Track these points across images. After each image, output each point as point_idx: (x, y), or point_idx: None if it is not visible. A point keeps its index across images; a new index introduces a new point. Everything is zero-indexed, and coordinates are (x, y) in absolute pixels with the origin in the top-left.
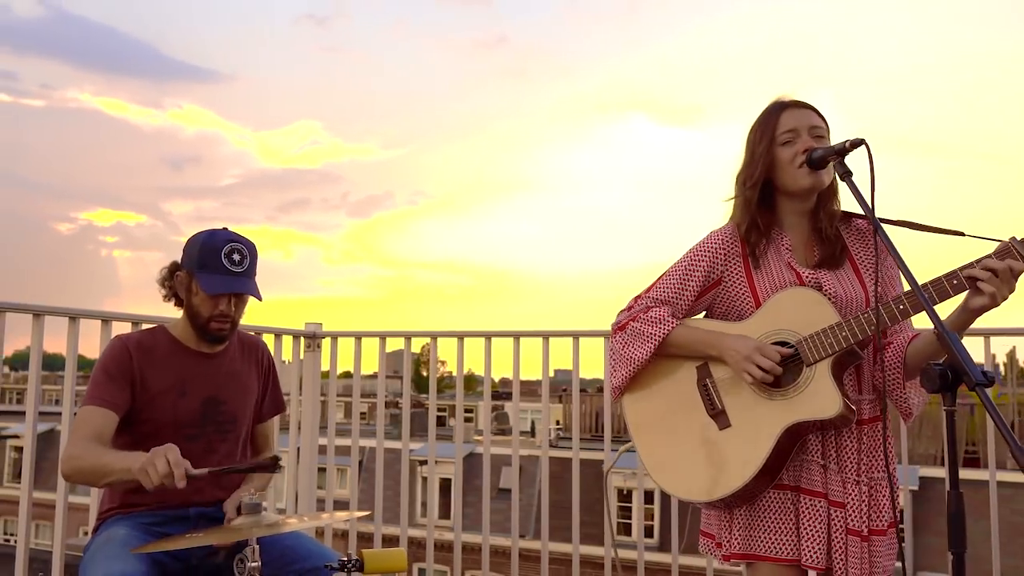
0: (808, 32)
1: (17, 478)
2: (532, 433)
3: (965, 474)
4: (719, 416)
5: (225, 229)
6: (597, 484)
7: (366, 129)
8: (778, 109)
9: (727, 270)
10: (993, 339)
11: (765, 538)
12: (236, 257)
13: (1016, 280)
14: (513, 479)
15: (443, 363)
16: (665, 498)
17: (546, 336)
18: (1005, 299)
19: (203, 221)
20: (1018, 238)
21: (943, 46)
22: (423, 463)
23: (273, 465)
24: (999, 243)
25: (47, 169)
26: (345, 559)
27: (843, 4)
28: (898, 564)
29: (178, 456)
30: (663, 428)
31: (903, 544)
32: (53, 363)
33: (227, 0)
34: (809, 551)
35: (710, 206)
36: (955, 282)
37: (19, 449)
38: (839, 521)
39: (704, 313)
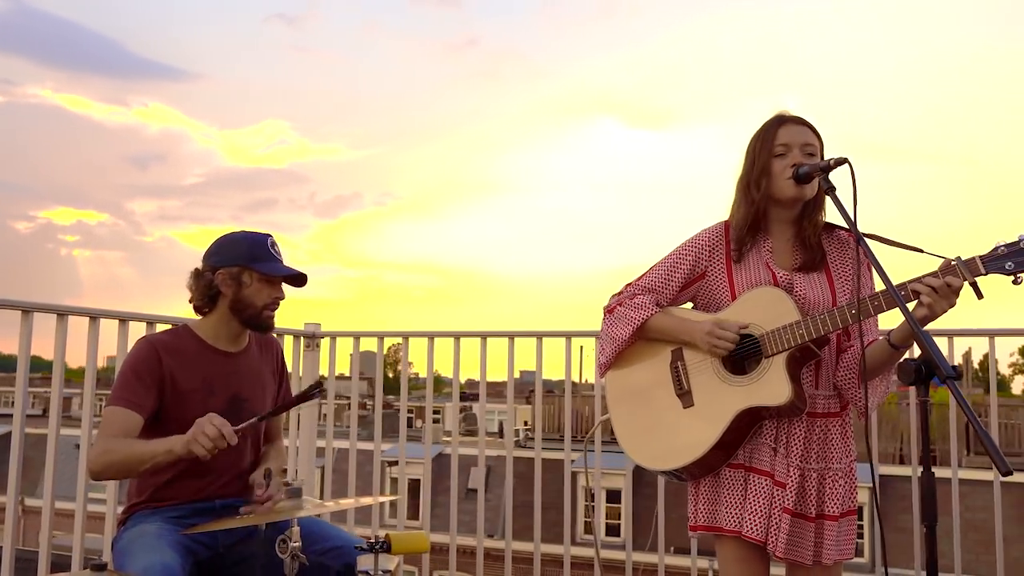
0: (777, 38)
1: None
2: (500, 434)
3: None
4: (685, 396)
5: (246, 231)
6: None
7: (334, 130)
8: (777, 123)
9: (711, 265)
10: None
11: (723, 512)
12: (277, 248)
13: (955, 295)
14: (479, 480)
15: (410, 364)
16: (634, 497)
17: (511, 336)
18: (944, 311)
19: (167, 220)
20: (962, 258)
21: (909, 51)
22: (391, 464)
23: (317, 390)
24: (944, 260)
25: (6, 167)
26: (373, 540)
27: (812, 11)
28: (860, 559)
29: (219, 418)
30: (636, 402)
31: (861, 539)
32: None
33: None
34: (750, 523)
35: (680, 207)
36: (902, 293)
37: None
38: (779, 500)
39: (691, 304)
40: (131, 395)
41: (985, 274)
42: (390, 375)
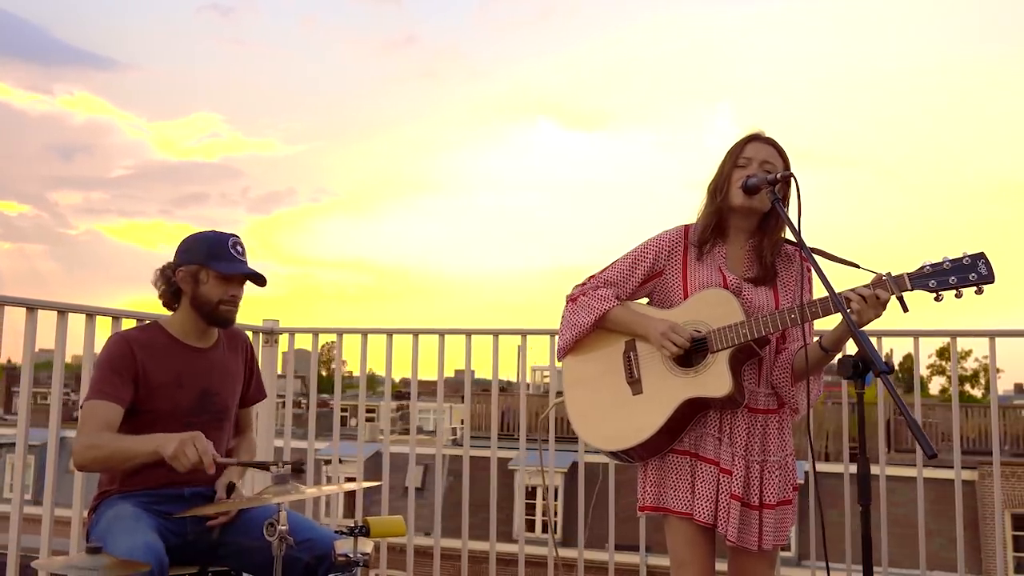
0: (713, 44)
1: None
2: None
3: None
4: (635, 383)
5: (214, 231)
6: (504, 481)
7: (268, 124)
8: (747, 139)
9: (669, 265)
10: (892, 342)
11: (669, 494)
12: (240, 248)
13: (883, 306)
14: (415, 478)
15: (344, 362)
16: (568, 495)
17: (442, 334)
18: (871, 319)
19: (93, 213)
20: (892, 274)
21: (845, 60)
22: (326, 463)
23: (298, 469)
24: (875, 275)
25: None
26: (352, 526)
27: (750, 16)
28: (787, 553)
29: (205, 444)
30: (589, 387)
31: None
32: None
33: None
34: (700, 508)
35: (614, 208)
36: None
37: None
38: (726, 486)
39: (647, 299)
40: (110, 388)
41: (911, 290)
42: (323, 373)
